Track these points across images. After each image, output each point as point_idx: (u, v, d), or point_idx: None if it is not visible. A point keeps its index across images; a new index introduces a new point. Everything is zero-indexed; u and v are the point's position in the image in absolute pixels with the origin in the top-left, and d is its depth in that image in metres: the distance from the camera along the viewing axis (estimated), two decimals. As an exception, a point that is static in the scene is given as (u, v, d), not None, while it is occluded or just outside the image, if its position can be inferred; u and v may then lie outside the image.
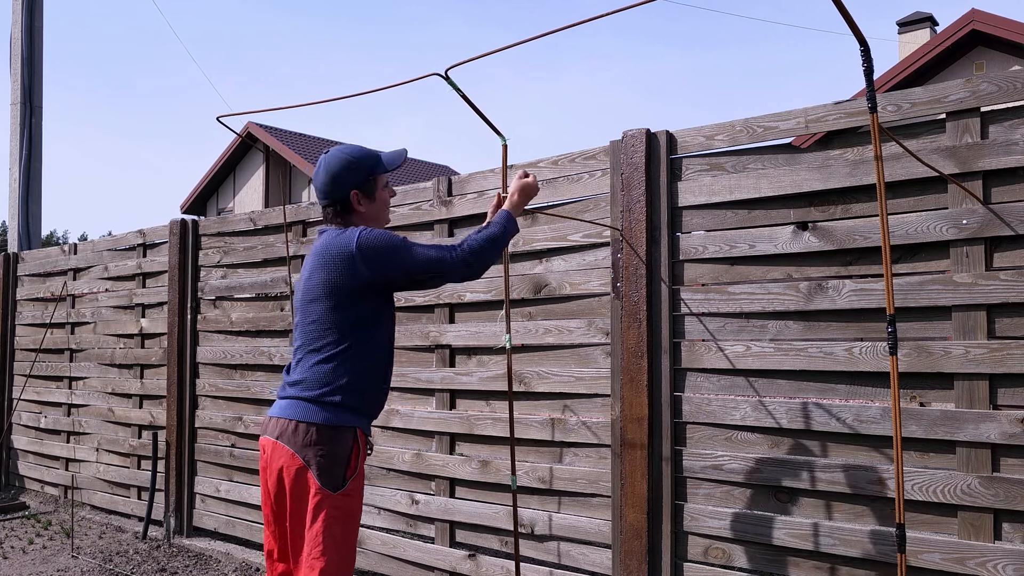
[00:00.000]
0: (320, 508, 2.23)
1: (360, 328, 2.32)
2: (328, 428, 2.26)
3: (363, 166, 2.40)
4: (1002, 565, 2.36)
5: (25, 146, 8.25)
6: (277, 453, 2.29)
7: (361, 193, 2.40)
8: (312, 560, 2.21)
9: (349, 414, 2.30)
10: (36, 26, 8.39)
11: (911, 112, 2.57)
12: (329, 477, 2.24)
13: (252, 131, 23.41)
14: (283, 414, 2.31)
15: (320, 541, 2.21)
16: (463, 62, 2.37)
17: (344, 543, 2.26)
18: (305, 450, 2.24)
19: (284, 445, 2.27)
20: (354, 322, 2.31)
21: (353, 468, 2.29)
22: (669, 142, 3.06)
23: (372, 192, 2.43)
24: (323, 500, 2.23)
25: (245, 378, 4.71)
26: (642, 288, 3.05)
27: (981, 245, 2.44)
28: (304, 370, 2.33)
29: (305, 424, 2.26)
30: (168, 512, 5.03)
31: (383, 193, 2.47)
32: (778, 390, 2.80)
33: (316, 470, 2.23)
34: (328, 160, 2.40)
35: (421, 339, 3.82)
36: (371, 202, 2.43)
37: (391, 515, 3.93)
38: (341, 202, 2.39)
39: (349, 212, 2.40)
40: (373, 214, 2.44)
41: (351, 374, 2.29)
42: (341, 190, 2.38)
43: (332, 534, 2.23)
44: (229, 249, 4.85)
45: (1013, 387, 2.39)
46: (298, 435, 2.25)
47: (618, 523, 3.11)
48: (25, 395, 6.45)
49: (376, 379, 2.38)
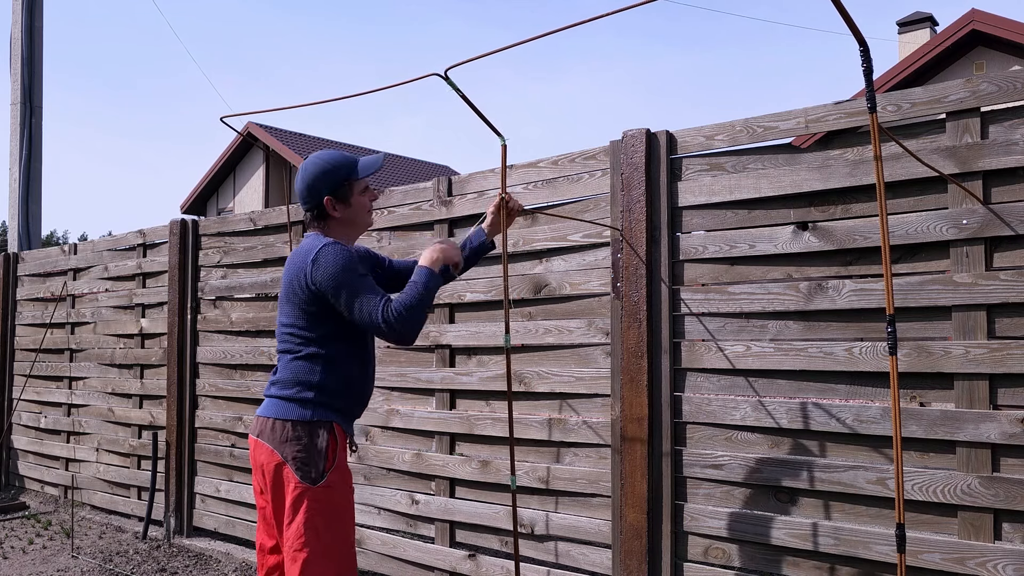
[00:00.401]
0: (300, 501, 2.29)
1: (329, 328, 2.38)
2: (302, 424, 2.34)
3: (337, 173, 2.45)
4: (1002, 565, 2.36)
5: (25, 146, 8.25)
6: (259, 450, 2.38)
7: (335, 199, 2.44)
8: (294, 552, 2.27)
9: (323, 409, 2.37)
10: (36, 26, 8.39)
11: (911, 112, 2.57)
12: (306, 471, 2.30)
13: (252, 131, 23.42)
14: (264, 412, 2.41)
15: (301, 533, 2.28)
16: (463, 62, 2.36)
17: (328, 535, 2.30)
18: (282, 446, 2.33)
19: (264, 442, 2.37)
20: (322, 324, 2.37)
21: (331, 461, 2.34)
22: (669, 142, 3.06)
23: (347, 198, 2.46)
24: (302, 494, 2.29)
25: (245, 378, 4.72)
26: (642, 288, 3.05)
27: (981, 245, 2.44)
28: (280, 369, 2.43)
29: (281, 421, 2.35)
30: (168, 512, 5.03)
31: (360, 198, 2.50)
32: (778, 390, 2.80)
33: (293, 464, 2.31)
34: (305, 167, 2.47)
35: (421, 339, 3.82)
36: (346, 207, 2.47)
37: (391, 515, 3.93)
38: (317, 208, 2.45)
39: (325, 217, 2.46)
40: (349, 219, 2.49)
41: (323, 372, 2.37)
42: (316, 196, 2.43)
43: (313, 526, 2.28)
44: (229, 249, 4.85)
45: (1013, 387, 2.39)
46: (275, 432, 2.34)
47: (618, 523, 3.11)
48: (25, 395, 6.45)
49: (349, 376, 2.43)
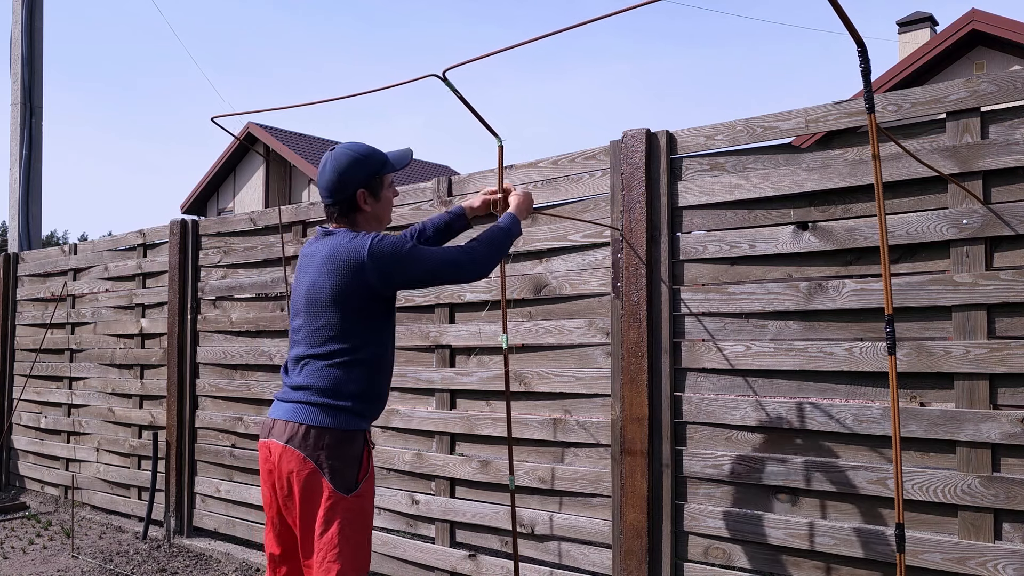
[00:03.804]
0: (334, 511, 2.21)
1: (368, 335, 2.30)
2: (340, 432, 2.25)
3: (371, 164, 2.36)
4: (1002, 565, 2.36)
5: (25, 146, 8.24)
6: (287, 457, 2.26)
7: (368, 192, 2.36)
8: (328, 564, 2.20)
9: (358, 419, 2.30)
10: (36, 26, 8.38)
11: (911, 112, 2.57)
12: (342, 480, 2.23)
13: (252, 131, 23.40)
14: (292, 417, 2.27)
15: (336, 544, 2.20)
16: (462, 63, 2.36)
17: (358, 545, 2.25)
18: (318, 453, 2.23)
19: (295, 449, 2.24)
20: (363, 329, 2.29)
21: (365, 470, 2.30)
22: (669, 142, 3.06)
23: (378, 191, 2.39)
24: (336, 503, 2.22)
25: (245, 378, 4.72)
26: (642, 288, 3.05)
27: (981, 245, 2.44)
28: (311, 374, 2.30)
29: (317, 428, 2.24)
30: (168, 512, 5.03)
31: (388, 192, 2.44)
32: (778, 390, 2.80)
33: (329, 473, 2.22)
34: (336, 157, 2.35)
35: (421, 339, 3.82)
36: (376, 201, 2.39)
37: (391, 515, 3.93)
38: (347, 200, 2.35)
39: (354, 211, 2.37)
40: (377, 214, 2.41)
41: (361, 380, 2.29)
42: (348, 188, 2.33)
43: (346, 536, 2.22)
44: (229, 249, 4.85)
45: (1013, 387, 2.39)
46: (309, 439, 2.23)
47: (618, 523, 3.11)
48: (25, 395, 6.45)
49: (382, 384, 2.39)
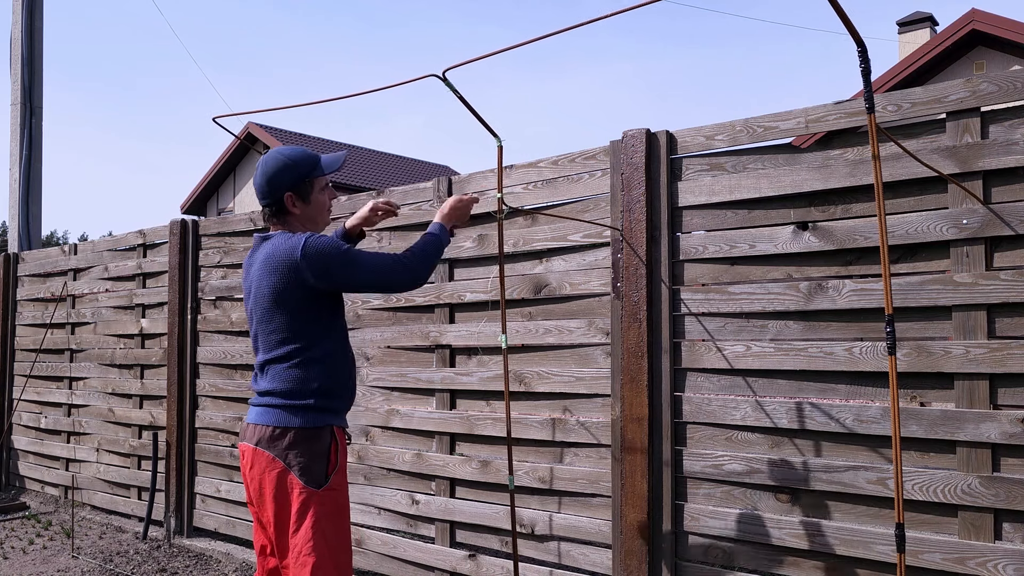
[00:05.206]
0: (307, 506, 2.27)
1: (318, 332, 2.37)
2: (305, 430, 2.32)
3: (300, 168, 2.43)
4: (1002, 565, 2.36)
5: (25, 147, 8.24)
6: (257, 458, 2.34)
7: (295, 195, 2.43)
8: (304, 557, 2.25)
9: (323, 414, 2.36)
10: (36, 26, 8.38)
11: (911, 112, 2.57)
12: (312, 476, 2.29)
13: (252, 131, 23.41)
14: (260, 420, 2.35)
15: (310, 538, 2.26)
16: (461, 63, 2.36)
17: (334, 538, 2.30)
18: (285, 452, 2.30)
19: (263, 450, 2.33)
20: (312, 328, 2.36)
21: (334, 464, 2.35)
22: (669, 142, 3.06)
23: (307, 195, 2.45)
24: (308, 498, 2.28)
25: (245, 378, 4.71)
26: (642, 288, 3.05)
27: (981, 245, 2.44)
28: (273, 378, 2.37)
29: (283, 428, 2.32)
30: (168, 512, 5.04)
31: (320, 196, 2.49)
32: (778, 390, 2.80)
33: (298, 470, 2.29)
34: (266, 161, 2.44)
35: (421, 339, 3.82)
36: (306, 205, 2.45)
37: (391, 515, 3.93)
38: (277, 203, 2.42)
39: (284, 213, 2.44)
40: (308, 216, 2.47)
41: (320, 377, 2.36)
42: (276, 191, 2.41)
43: (320, 529, 2.27)
44: (229, 249, 4.85)
45: (1013, 387, 2.39)
46: (276, 439, 2.31)
47: (618, 523, 3.11)
48: (25, 395, 6.45)
49: (344, 377, 2.44)
